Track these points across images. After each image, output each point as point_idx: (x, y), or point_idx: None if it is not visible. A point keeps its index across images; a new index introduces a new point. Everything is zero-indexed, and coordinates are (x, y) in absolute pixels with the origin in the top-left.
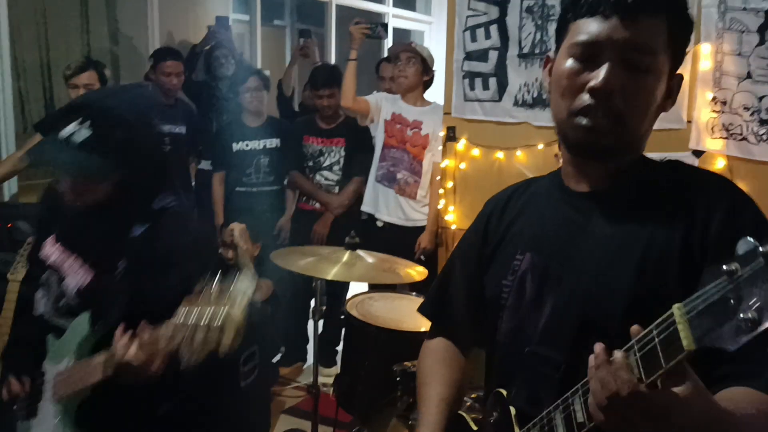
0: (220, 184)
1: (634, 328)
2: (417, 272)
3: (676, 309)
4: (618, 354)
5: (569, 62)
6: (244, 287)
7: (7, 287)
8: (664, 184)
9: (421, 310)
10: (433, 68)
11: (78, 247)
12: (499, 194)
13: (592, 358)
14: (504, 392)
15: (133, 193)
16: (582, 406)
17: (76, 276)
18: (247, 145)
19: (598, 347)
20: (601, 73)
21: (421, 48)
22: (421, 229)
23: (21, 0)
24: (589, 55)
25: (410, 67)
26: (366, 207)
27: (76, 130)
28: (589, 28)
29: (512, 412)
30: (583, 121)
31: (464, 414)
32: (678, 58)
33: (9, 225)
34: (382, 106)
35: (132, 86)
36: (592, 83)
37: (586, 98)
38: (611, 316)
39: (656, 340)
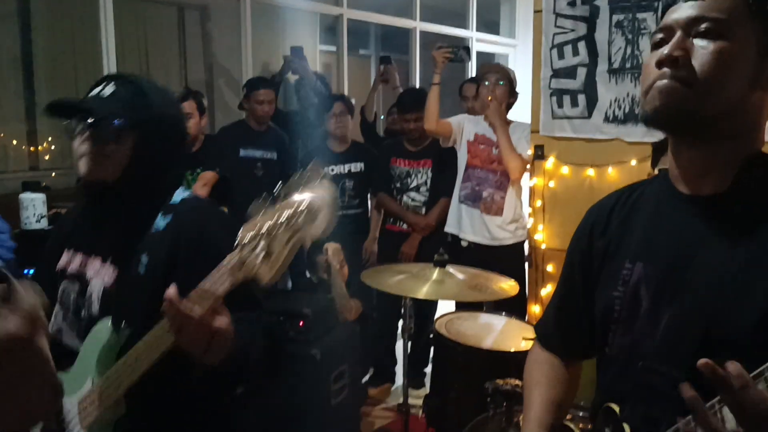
0: None
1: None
2: (509, 286)
3: None
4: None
5: (649, 54)
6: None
7: None
8: None
9: (536, 328)
10: (517, 90)
11: (97, 247)
12: (602, 202)
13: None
14: (616, 408)
15: (148, 169)
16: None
17: (101, 276)
18: (332, 170)
19: (733, 368)
20: (668, 47)
21: (507, 69)
22: (507, 248)
23: (126, 35)
24: (662, 40)
25: (498, 89)
26: (450, 228)
27: (101, 89)
28: (664, 20)
29: (626, 430)
30: (656, 90)
31: (570, 425)
32: None
33: None
34: (465, 127)
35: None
36: (658, 57)
37: (655, 71)
38: (739, 331)
39: None
